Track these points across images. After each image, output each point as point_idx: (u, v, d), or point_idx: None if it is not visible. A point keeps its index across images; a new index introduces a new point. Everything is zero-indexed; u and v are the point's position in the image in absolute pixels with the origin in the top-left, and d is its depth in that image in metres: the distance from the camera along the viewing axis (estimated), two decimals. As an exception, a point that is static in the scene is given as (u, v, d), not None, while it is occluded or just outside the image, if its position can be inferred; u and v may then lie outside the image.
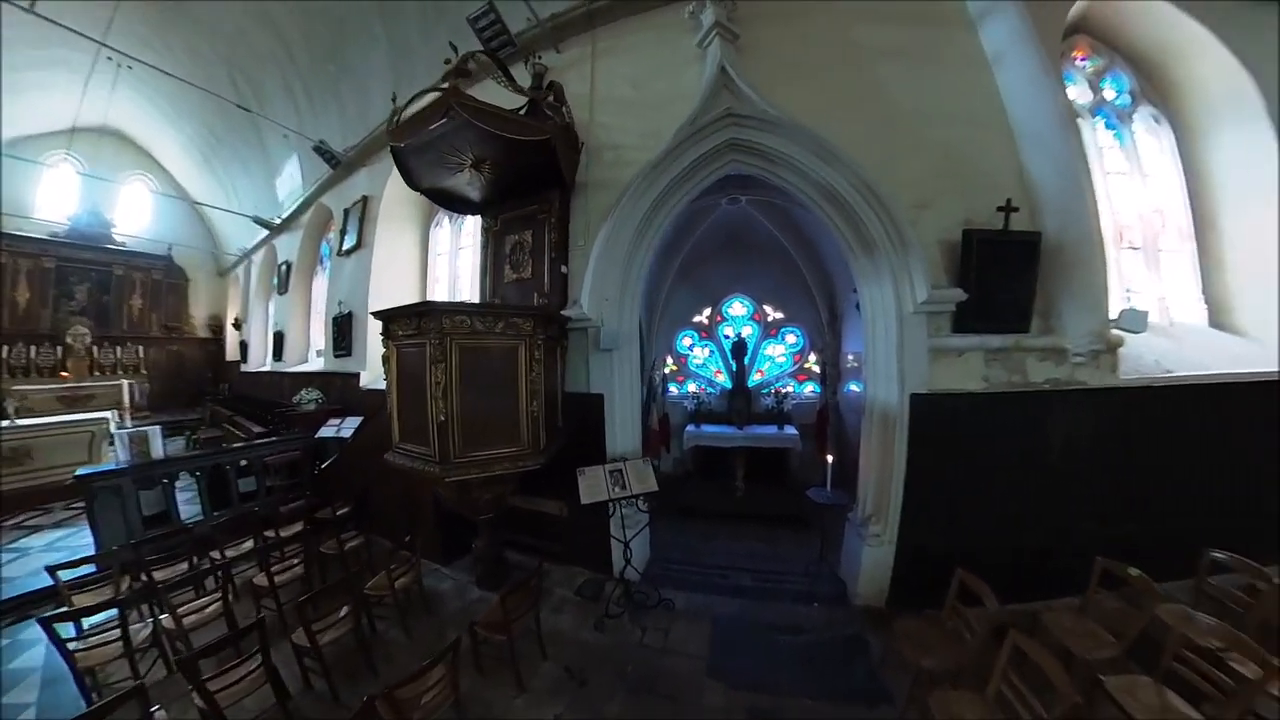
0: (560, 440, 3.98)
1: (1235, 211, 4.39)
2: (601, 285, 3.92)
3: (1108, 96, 4.85)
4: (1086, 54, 4.86)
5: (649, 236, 4.01)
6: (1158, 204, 4.73)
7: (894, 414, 3.39)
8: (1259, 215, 4.20)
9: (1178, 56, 4.47)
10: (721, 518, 5.56)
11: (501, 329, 3.34)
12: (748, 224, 6.26)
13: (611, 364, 3.93)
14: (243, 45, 8.73)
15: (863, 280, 3.57)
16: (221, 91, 9.00)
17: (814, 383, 6.93)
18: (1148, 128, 4.85)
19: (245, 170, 13.04)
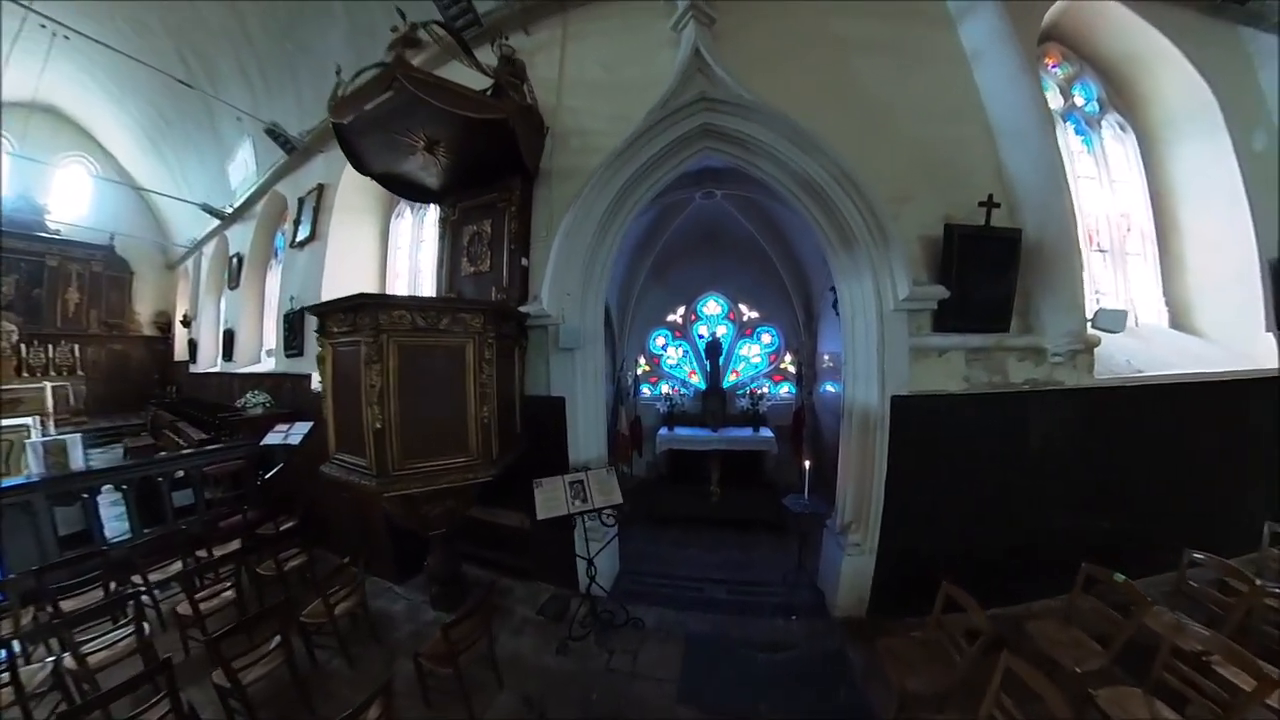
0: (519, 448, 3.70)
1: (1195, 217, 4.54)
2: (562, 279, 3.64)
3: (1078, 103, 4.91)
4: (1058, 60, 4.93)
5: (615, 228, 3.76)
6: (1123, 208, 4.83)
7: (874, 417, 3.23)
8: (1217, 221, 4.36)
9: (1143, 67, 4.61)
10: (696, 524, 5.34)
11: (447, 325, 3.02)
12: (723, 221, 6.08)
13: (573, 364, 3.66)
14: (193, 19, 8.08)
15: (842, 277, 3.39)
16: (170, 69, 8.33)
17: (790, 383, 6.80)
18: (1114, 134, 4.96)
19: (197, 155, 12.18)
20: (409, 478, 2.96)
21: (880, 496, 3.30)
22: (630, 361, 6.86)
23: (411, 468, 3.01)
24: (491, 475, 3.21)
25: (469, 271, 4.55)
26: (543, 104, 4.34)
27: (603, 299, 3.80)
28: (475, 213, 4.65)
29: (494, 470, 3.20)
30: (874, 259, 3.20)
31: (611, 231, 3.76)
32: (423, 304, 3.02)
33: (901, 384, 3.20)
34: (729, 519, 5.35)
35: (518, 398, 3.87)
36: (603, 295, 3.79)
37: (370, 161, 4.20)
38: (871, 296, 3.21)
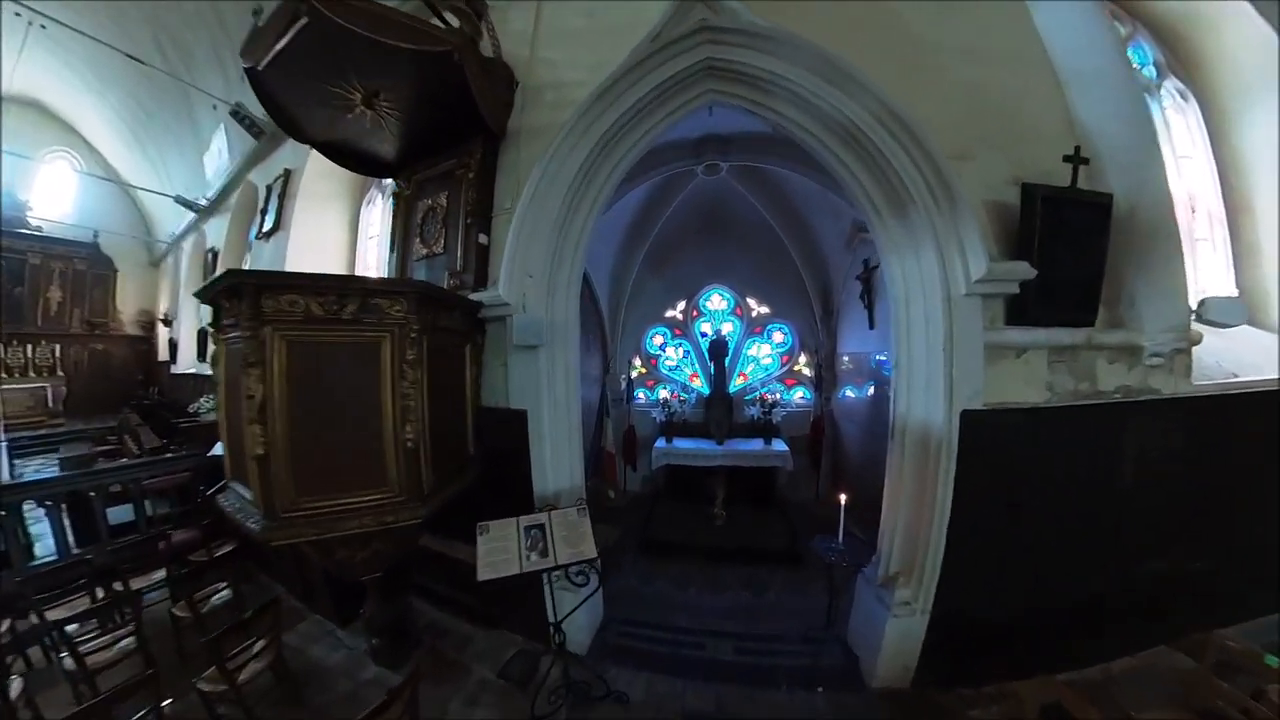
0: (469, 475, 2.93)
1: (1270, 197, 3.78)
2: (524, 258, 2.88)
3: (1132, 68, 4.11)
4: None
5: (594, 193, 2.99)
6: (1188, 188, 4.09)
7: (936, 438, 2.42)
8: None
9: (1206, 26, 3.89)
10: (697, 555, 4.54)
11: (355, 314, 2.26)
12: (729, 200, 5.30)
13: (537, 367, 2.88)
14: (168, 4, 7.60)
15: (891, 251, 2.58)
16: (148, 58, 7.83)
17: (805, 388, 6.00)
18: (1174, 104, 4.21)
19: (177, 147, 11.64)
20: (303, 522, 2.20)
21: (941, 542, 2.50)
22: (623, 363, 6.08)
23: (308, 507, 2.25)
24: (420, 517, 2.44)
25: (421, 255, 3.80)
26: (513, 57, 3.58)
27: (577, 283, 3.02)
28: (432, 185, 3.89)
29: (424, 510, 2.44)
30: (936, 227, 2.40)
31: (589, 197, 2.99)
32: (320, 285, 2.24)
33: (974, 395, 2.39)
34: (737, 550, 4.55)
35: (469, 411, 3.10)
36: (577, 279, 3.02)
37: (303, 122, 3.46)
38: (935, 276, 2.40)
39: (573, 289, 2.97)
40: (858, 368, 4.90)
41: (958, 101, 2.83)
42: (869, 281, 4.33)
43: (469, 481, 3.01)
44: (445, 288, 3.25)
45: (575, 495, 3.02)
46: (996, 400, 2.47)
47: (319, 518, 2.29)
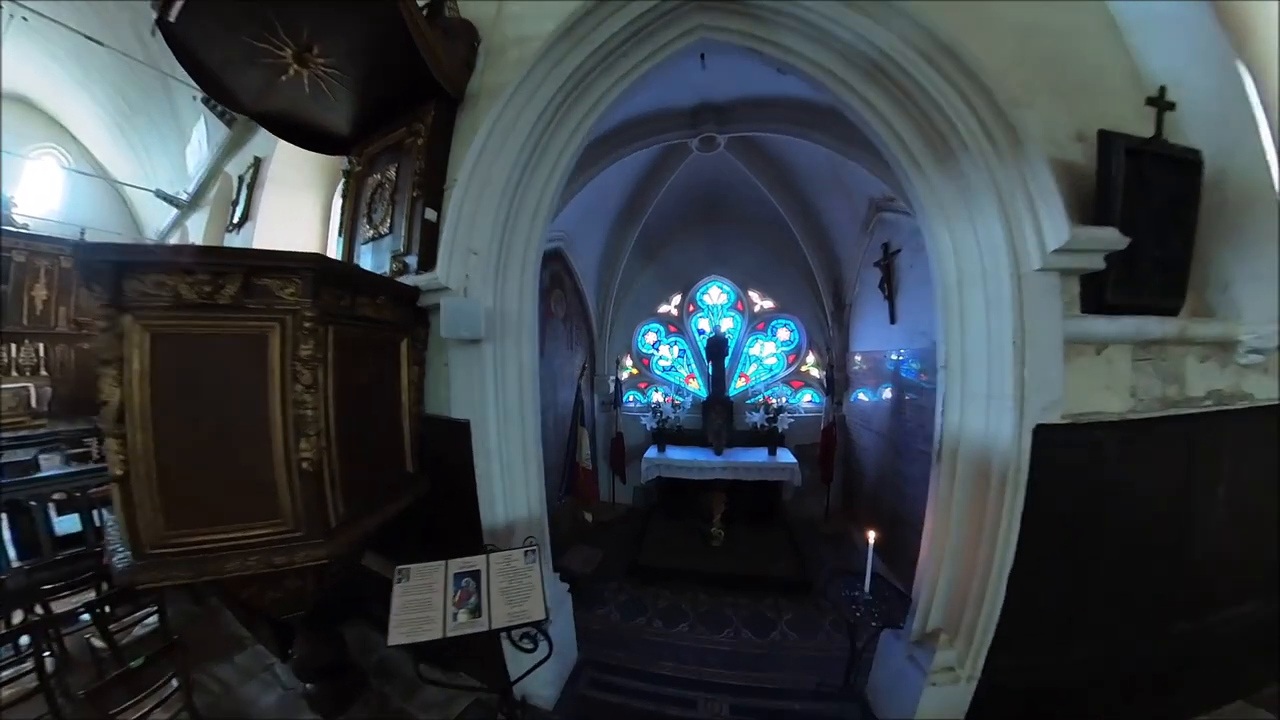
0: (404, 498, 2.39)
1: None
2: (467, 231, 2.33)
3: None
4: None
5: (557, 153, 2.43)
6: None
7: (1001, 462, 1.83)
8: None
9: None
10: (691, 583, 3.98)
11: (235, 298, 1.73)
12: (728, 181, 4.73)
13: (482, 367, 2.32)
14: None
15: (936, 216, 1.99)
16: (127, 49, 7.43)
17: (814, 391, 5.42)
18: None
19: (161, 141, 11.26)
20: (175, 560, 1.69)
21: (999, 593, 1.92)
22: (611, 363, 5.53)
23: (180, 543, 1.74)
24: (323, 558, 1.89)
25: (367, 237, 3.27)
26: (477, 13, 3.05)
27: (535, 263, 2.46)
28: (383, 159, 3.35)
29: (329, 548, 1.89)
30: (998, 180, 1.82)
31: (551, 157, 2.43)
32: (189, 260, 1.71)
33: (1051, 404, 1.80)
34: (738, 577, 3.98)
35: (407, 421, 2.55)
36: (534, 258, 2.45)
37: (237, 90, 2.98)
38: (998, 247, 1.81)
39: (530, 270, 2.41)
40: (875, 368, 4.32)
41: (1008, 42, 2.26)
42: (890, 268, 3.75)
43: (404, 506, 2.48)
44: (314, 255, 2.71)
45: (534, 527, 2.46)
46: (1074, 411, 1.88)
47: (194, 556, 1.78)
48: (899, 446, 3.71)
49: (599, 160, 3.62)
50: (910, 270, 3.48)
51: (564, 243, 4.57)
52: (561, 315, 4.63)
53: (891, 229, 3.78)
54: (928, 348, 3.23)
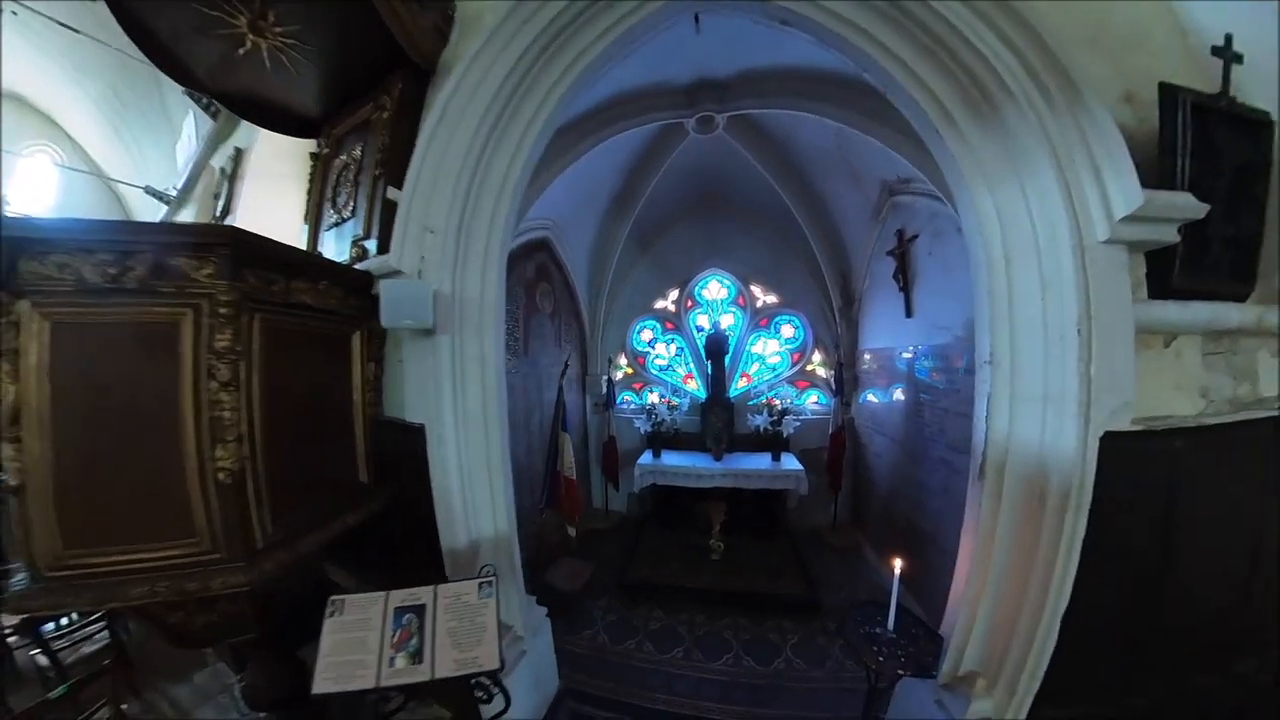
0: (352, 514, 2.06)
1: None
2: (423, 208, 2.01)
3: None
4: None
5: (525, 122, 2.11)
6: None
7: (1060, 478, 1.49)
8: None
9: None
10: (687, 602, 3.65)
11: (143, 280, 1.43)
12: (728, 166, 4.40)
13: (437, 363, 1.99)
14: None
15: (975, 178, 1.63)
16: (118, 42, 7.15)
17: (820, 392, 5.08)
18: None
19: (153, 137, 11.01)
20: (77, 585, 1.40)
21: (1052, 632, 1.59)
22: (603, 362, 5.20)
23: (80, 564, 1.45)
24: (245, 584, 1.58)
25: (331, 222, 2.96)
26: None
27: (501, 244, 2.12)
28: (350, 139, 3.04)
29: (252, 575, 1.58)
30: (1051, 134, 1.48)
31: (519, 127, 2.11)
32: (89, 238, 1.41)
33: (1122, 407, 1.45)
34: (738, 595, 3.64)
35: (360, 424, 2.22)
36: (501, 239, 2.11)
37: (192, 64, 2.69)
38: (1056, 214, 1.46)
39: (495, 253, 2.08)
40: (887, 367, 3.99)
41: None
42: (905, 257, 3.42)
43: (356, 522, 2.16)
44: (225, 228, 2.41)
45: (501, 548, 2.14)
46: (1144, 415, 1.54)
47: (96, 580, 1.49)
48: (915, 453, 3.37)
49: (584, 139, 3.30)
50: (929, 258, 3.14)
51: (551, 232, 4.25)
52: (549, 310, 4.30)
53: (907, 214, 3.45)
54: (950, 343, 2.90)
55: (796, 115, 3.63)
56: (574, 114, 3.18)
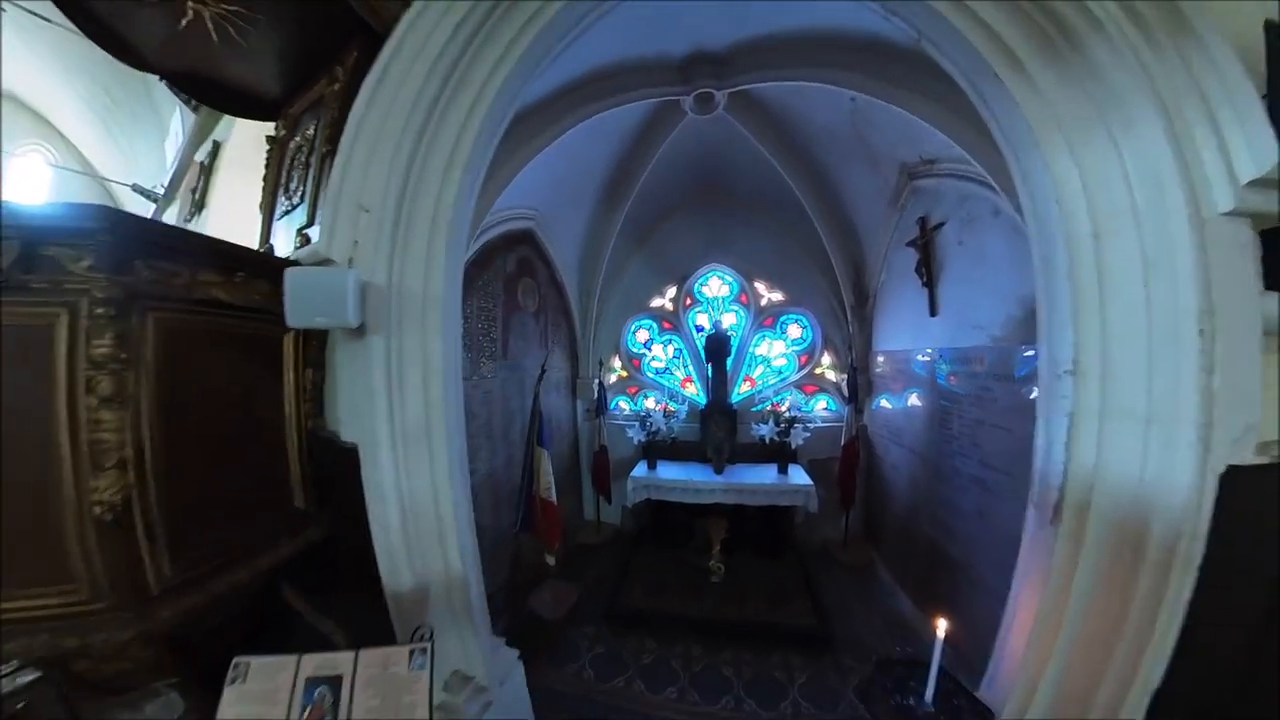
0: (288, 545, 1.74)
1: None
2: (358, 183, 1.66)
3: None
4: None
5: (479, 84, 1.75)
6: None
7: (1164, 523, 1.11)
8: None
9: None
10: (683, 630, 3.28)
11: (12, 274, 1.14)
12: (729, 154, 4.04)
13: (369, 369, 1.64)
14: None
15: (1046, 131, 1.22)
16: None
17: (829, 397, 4.70)
18: None
19: (142, 134, 10.82)
20: None
21: (1139, 711, 1.21)
22: (594, 364, 4.84)
23: None
24: (134, 639, 1.28)
25: (284, 210, 2.66)
26: None
27: (454, 227, 1.75)
28: (306, 118, 2.76)
29: (142, 626, 1.29)
30: (1154, 75, 1.10)
31: (471, 91, 1.75)
32: None
33: (1246, 431, 1.08)
34: (739, 625, 3.27)
35: (295, 441, 1.90)
36: (451, 220, 1.75)
37: (134, 40, 2.46)
38: (1164, 172, 1.09)
39: (443, 234, 1.72)
40: (906, 372, 3.61)
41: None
42: (929, 248, 3.04)
43: (289, 555, 1.85)
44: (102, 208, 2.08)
45: (456, 590, 1.79)
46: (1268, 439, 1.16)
47: None
48: (939, 468, 3.00)
49: (563, 117, 2.94)
50: (959, 248, 2.77)
51: (536, 223, 3.89)
52: (533, 308, 3.95)
53: (931, 199, 3.07)
54: (984, 345, 2.52)
55: (806, 90, 3.26)
56: (549, 88, 2.83)
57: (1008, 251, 2.30)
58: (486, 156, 1.93)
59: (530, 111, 2.86)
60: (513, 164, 2.83)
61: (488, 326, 3.28)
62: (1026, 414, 2.17)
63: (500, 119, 1.91)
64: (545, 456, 2.46)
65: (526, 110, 2.87)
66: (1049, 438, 1.33)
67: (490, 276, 3.31)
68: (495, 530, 3.34)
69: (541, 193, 3.81)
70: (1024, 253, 2.23)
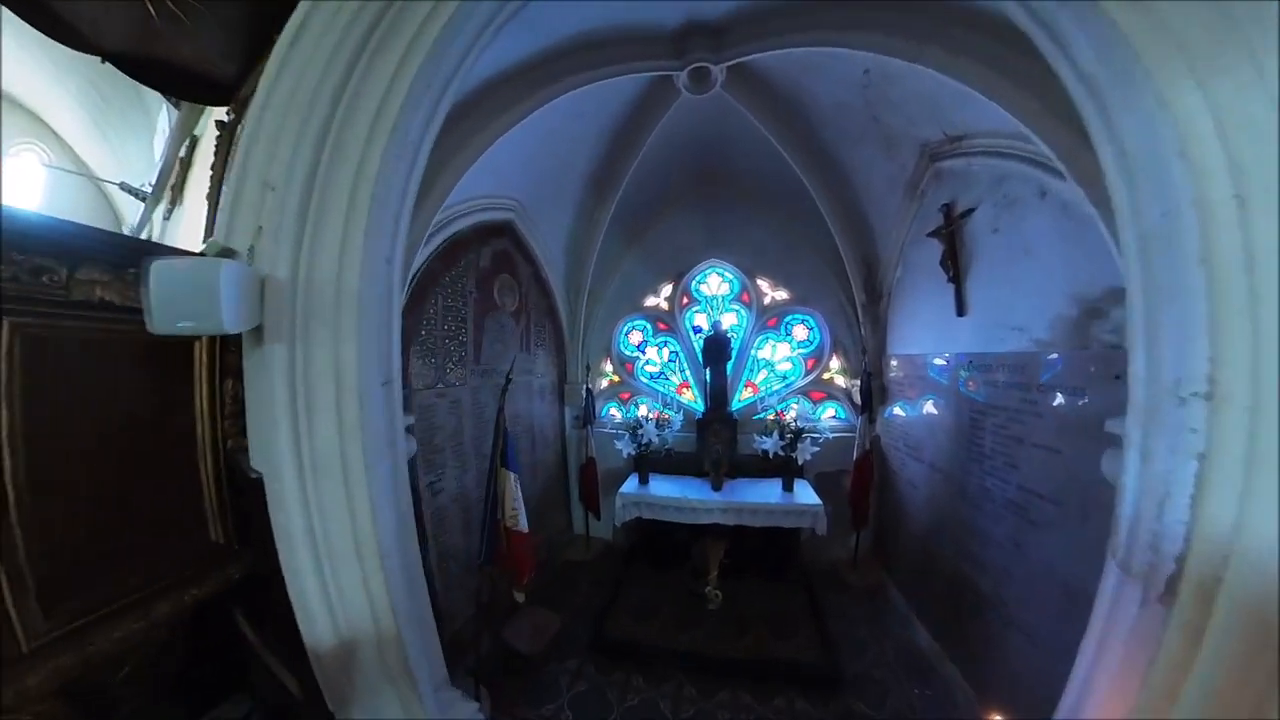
0: (192, 588, 1.42)
1: None
2: (265, 159, 1.34)
3: None
4: None
5: (407, 40, 1.41)
6: None
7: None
8: None
9: None
10: (676, 665, 2.93)
11: None
12: (729, 138, 3.68)
13: (270, 384, 1.31)
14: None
15: (1158, 62, 0.86)
16: None
17: (838, 405, 4.34)
18: None
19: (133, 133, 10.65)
20: None
21: None
22: (580, 369, 4.49)
23: None
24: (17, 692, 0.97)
25: (227, 201, 2.35)
26: None
27: (378, 197, 1.41)
28: (253, 97, 2.46)
29: (15, 686, 0.98)
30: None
31: (396, 50, 1.41)
32: None
33: None
34: (737, 662, 2.92)
35: (209, 464, 1.60)
36: (379, 191, 1.40)
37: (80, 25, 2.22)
38: None
39: (363, 215, 1.37)
40: (924, 378, 3.25)
41: None
42: (955, 238, 2.67)
43: (205, 595, 1.56)
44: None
45: (389, 649, 1.45)
46: None
47: None
48: (966, 488, 2.63)
49: (536, 91, 2.59)
50: (994, 237, 2.39)
51: (516, 214, 3.55)
52: (511, 308, 3.60)
53: (958, 182, 2.70)
54: (1026, 349, 2.16)
55: (813, 65, 2.91)
56: (520, 56, 2.49)
57: (1057, 238, 1.93)
58: (424, 123, 1.58)
59: (500, 82, 2.52)
60: (479, 141, 2.49)
61: (456, 328, 2.93)
62: (1085, 435, 1.81)
63: (441, 76, 1.56)
64: (512, 480, 2.11)
65: (495, 81, 2.54)
66: (1159, 483, 0.96)
67: (459, 272, 2.96)
68: (466, 553, 3.01)
69: (521, 181, 3.47)
70: (1079, 239, 1.88)
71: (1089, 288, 1.78)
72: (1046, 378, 2.00)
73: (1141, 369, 1.04)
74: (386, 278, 1.57)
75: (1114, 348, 1.70)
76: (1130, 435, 1.08)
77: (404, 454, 1.68)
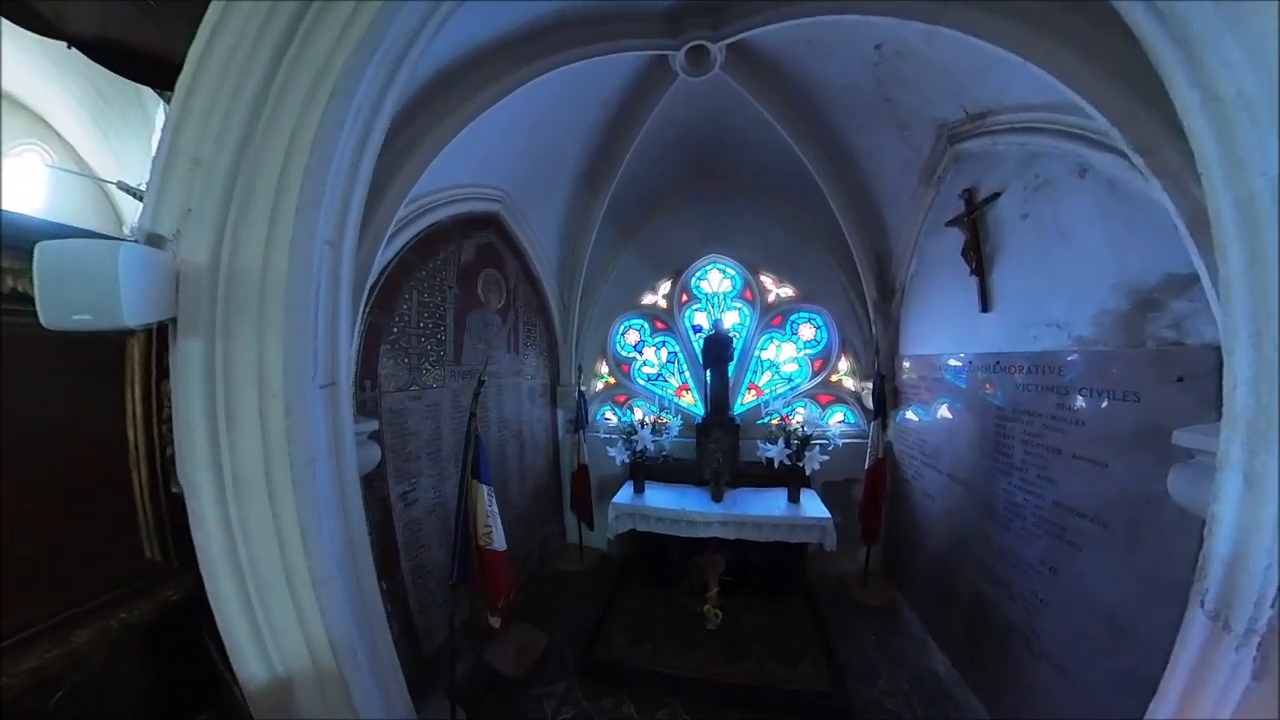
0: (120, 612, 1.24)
1: None
2: (196, 133, 1.15)
3: None
4: None
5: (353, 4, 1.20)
6: None
7: None
8: None
9: None
10: (671, 691, 2.71)
11: None
12: (729, 125, 3.47)
13: (187, 387, 1.12)
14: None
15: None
16: None
17: (846, 409, 4.09)
18: None
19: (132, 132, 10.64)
20: None
21: None
22: (572, 371, 4.28)
23: None
24: None
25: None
26: None
27: (313, 170, 1.21)
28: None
29: None
30: None
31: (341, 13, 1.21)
32: None
33: None
34: (737, 689, 2.68)
35: (142, 474, 1.43)
36: (315, 163, 1.20)
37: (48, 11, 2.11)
38: None
39: (294, 194, 1.17)
40: (942, 381, 3.00)
41: None
42: (978, 226, 2.44)
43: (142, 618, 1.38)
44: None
45: (332, 688, 1.25)
46: None
47: None
48: (993, 505, 2.39)
49: (518, 68, 2.37)
50: (1023, 222, 2.15)
51: (503, 206, 3.35)
52: (497, 305, 3.40)
53: (980, 165, 2.47)
54: (1063, 348, 1.92)
55: (819, 44, 2.69)
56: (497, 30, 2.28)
57: (1101, 221, 1.69)
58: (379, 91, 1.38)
59: (479, 56, 2.32)
60: (454, 120, 2.28)
61: (434, 325, 2.73)
62: (1139, 447, 1.56)
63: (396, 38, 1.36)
64: (484, 493, 1.90)
65: (473, 55, 2.34)
66: (1269, 515, 0.74)
67: (437, 265, 2.76)
68: (445, 568, 2.80)
69: (509, 171, 3.27)
70: (1128, 220, 1.63)
71: (1142, 276, 1.54)
72: (1089, 380, 1.76)
73: (1246, 370, 0.81)
74: (330, 264, 1.36)
75: (1174, 344, 1.46)
76: (1228, 454, 0.85)
77: (354, 465, 1.48)
